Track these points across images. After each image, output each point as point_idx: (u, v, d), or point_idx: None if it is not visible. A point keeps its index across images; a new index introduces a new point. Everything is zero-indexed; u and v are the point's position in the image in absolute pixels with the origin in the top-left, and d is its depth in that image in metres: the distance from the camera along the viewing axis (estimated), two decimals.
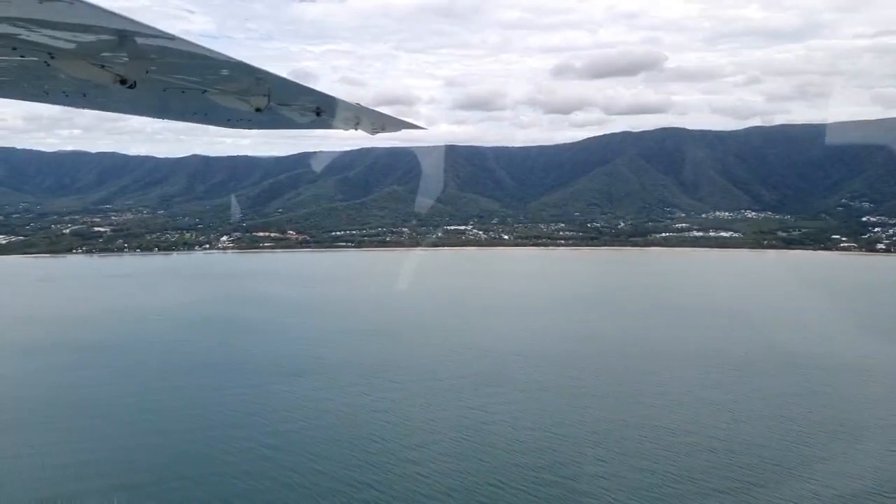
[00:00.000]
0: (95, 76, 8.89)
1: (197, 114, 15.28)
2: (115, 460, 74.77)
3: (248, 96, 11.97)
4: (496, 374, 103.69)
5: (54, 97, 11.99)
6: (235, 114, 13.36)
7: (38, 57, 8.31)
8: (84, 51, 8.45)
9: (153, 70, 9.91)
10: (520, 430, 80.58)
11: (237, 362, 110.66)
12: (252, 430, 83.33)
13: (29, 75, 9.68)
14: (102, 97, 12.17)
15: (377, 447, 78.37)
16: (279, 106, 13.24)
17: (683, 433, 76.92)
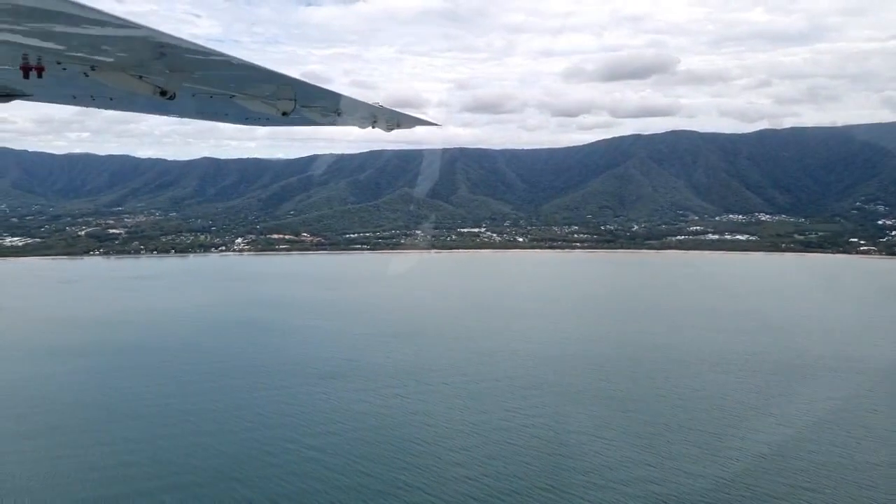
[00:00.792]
0: (136, 88, 9.42)
1: (226, 115, 16.30)
2: (161, 461, 74.79)
3: (275, 100, 12.69)
4: (531, 377, 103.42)
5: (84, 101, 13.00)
6: (262, 115, 14.00)
7: (79, 69, 8.90)
8: (124, 64, 9.00)
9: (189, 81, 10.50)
10: (564, 434, 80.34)
11: (271, 365, 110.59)
12: (293, 432, 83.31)
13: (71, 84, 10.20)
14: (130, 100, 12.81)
15: (420, 449, 78.22)
16: (303, 108, 13.97)
17: (730, 438, 76.61)
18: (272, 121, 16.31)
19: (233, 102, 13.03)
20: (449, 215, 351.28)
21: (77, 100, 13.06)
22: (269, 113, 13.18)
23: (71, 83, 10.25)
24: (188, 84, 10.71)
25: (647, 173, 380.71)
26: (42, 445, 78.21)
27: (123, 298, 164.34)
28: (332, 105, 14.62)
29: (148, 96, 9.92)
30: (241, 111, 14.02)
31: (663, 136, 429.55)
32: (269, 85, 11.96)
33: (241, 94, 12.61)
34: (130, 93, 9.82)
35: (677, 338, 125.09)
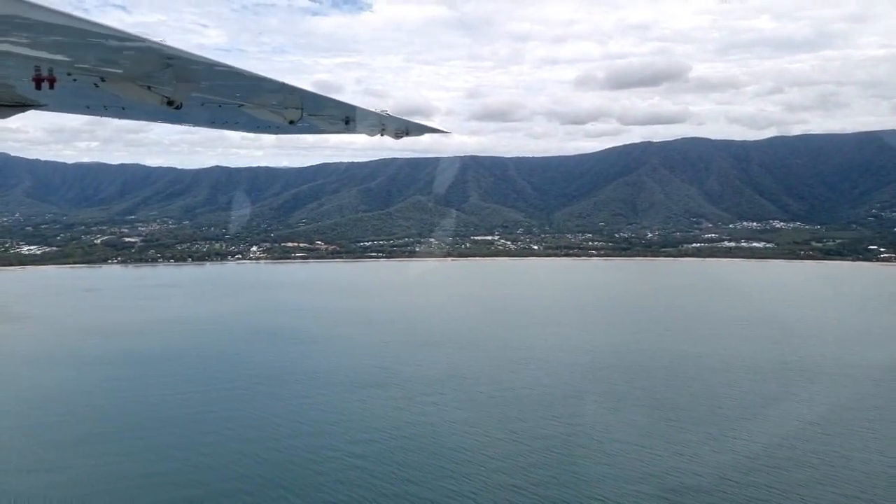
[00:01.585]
0: (144, 98, 9.77)
1: (235, 123, 16.64)
2: (206, 468, 74.70)
3: (283, 109, 13.08)
4: (566, 385, 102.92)
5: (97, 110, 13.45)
6: (270, 124, 14.36)
7: (90, 80, 9.29)
8: (133, 75, 9.36)
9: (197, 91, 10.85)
10: (607, 442, 79.84)
11: (305, 373, 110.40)
12: (334, 440, 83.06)
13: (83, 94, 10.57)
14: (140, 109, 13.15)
15: (462, 457, 77.80)
16: (311, 116, 14.32)
17: (776, 447, 76.02)
18: (280, 129, 16.72)
19: (241, 111, 13.36)
20: (462, 223, 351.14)
21: (90, 109, 13.45)
22: (277, 121, 13.53)
23: (82, 93, 10.61)
24: (196, 94, 11.02)
25: (660, 180, 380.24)
26: (86, 453, 78.17)
27: (150, 307, 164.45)
28: (339, 113, 14.92)
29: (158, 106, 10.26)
30: (250, 119, 14.36)
31: (674, 143, 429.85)
32: (275, 94, 12.26)
33: (248, 104, 12.91)
34: (140, 102, 10.16)
35: (709, 345, 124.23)
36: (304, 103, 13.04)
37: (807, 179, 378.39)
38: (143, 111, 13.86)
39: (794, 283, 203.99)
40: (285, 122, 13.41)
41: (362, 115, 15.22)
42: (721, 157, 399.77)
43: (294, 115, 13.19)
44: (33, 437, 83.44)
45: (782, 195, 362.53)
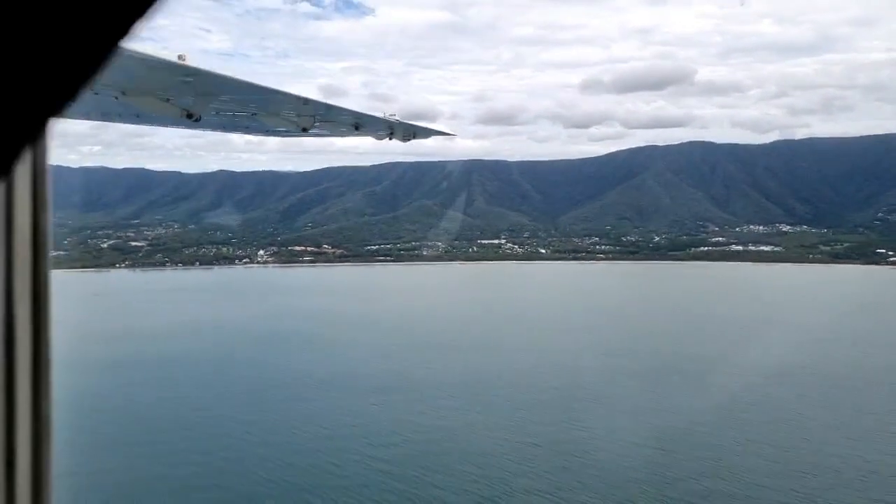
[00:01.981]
0: (163, 110, 10.11)
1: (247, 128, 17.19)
2: (229, 472, 74.59)
3: (296, 118, 13.54)
4: (586, 390, 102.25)
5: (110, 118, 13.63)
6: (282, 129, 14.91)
7: (109, 94, 9.50)
8: (153, 89, 9.73)
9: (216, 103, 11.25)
10: (632, 448, 79.34)
11: (322, 377, 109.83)
12: (356, 443, 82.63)
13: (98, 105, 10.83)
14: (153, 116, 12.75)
15: (486, 461, 77.34)
16: (323, 123, 14.89)
17: (809, 453, 75.68)
18: (291, 133, 17.11)
19: (254, 118, 14.01)
20: (468, 227, 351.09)
21: (105, 117, 13.70)
22: (289, 128, 14.05)
23: (100, 104, 10.82)
24: (213, 105, 11.41)
25: (665, 184, 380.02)
26: (109, 458, 77.76)
27: (162, 311, 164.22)
28: (350, 120, 15.34)
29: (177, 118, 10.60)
30: (262, 126, 14.97)
31: (679, 147, 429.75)
32: (289, 105, 12.72)
33: (262, 113, 13.42)
34: (159, 114, 10.45)
35: (728, 350, 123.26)
36: (317, 113, 13.52)
37: (813, 183, 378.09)
38: (159, 119, 13.93)
39: (809, 286, 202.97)
40: (298, 128, 13.88)
41: (372, 121, 15.70)
42: (726, 161, 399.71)
43: (307, 123, 13.68)
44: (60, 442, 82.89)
45: (788, 199, 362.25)
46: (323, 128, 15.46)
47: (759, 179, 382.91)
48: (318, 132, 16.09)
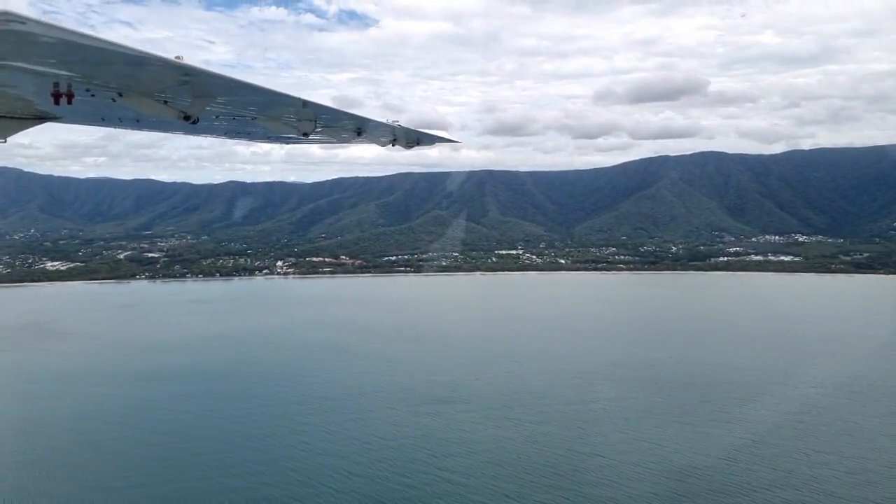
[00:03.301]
0: (161, 112, 10.04)
1: (248, 134, 16.93)
2: (296, 483, 73.89)
3: (296, 122, 13.36)
4: (635, 401, 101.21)
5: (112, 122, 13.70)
6: (284, 135, 14.76)
7: (107, 95, 9.51)
8: (150, 90, 9.69)
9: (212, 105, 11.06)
10: (696, 456, 78.49)
11: (367, 389, 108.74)
12: (418, 454, 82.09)
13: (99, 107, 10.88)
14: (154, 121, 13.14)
15: (551, 471, 76.90)
16: (324, 128, 14.64)
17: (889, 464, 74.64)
18: (294, 140, 16.96)
19: (255, 123, 13.72)
20: (484, 237, 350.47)
21: (105, 121, 13.69)
22: (291, 133, 13.87)
23: (99, 107, 10.84)
24: (211, 108, 11.31)
25: (679, 194, 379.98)
26: (170, 472, 76.75)
27: (192, 323, 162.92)
28: (351, 125, 15.17)
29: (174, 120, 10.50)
30: (263, 131, 14.73)
31: (691, 157, 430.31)
32: (289, 108, 12.56)
33: (262, 117, 13.20)
34: (157, 116, 10.34)
35: (767, 361, 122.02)
36: (318, 116, 13.30)
37: (826, 193, 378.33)
38: (158, 123, 14.02)
39: (841, 296, 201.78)
40: (299, 133, 13.62)
41: (374, 126, 15.41)
42: (739, 171, 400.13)
43: (308, 128, 13.44)
44: (119, 455, 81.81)
45: (802, 208, 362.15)
46: (325, 133, 15.17)
47: (772, 189, 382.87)
48: (320, 138, 15.80)
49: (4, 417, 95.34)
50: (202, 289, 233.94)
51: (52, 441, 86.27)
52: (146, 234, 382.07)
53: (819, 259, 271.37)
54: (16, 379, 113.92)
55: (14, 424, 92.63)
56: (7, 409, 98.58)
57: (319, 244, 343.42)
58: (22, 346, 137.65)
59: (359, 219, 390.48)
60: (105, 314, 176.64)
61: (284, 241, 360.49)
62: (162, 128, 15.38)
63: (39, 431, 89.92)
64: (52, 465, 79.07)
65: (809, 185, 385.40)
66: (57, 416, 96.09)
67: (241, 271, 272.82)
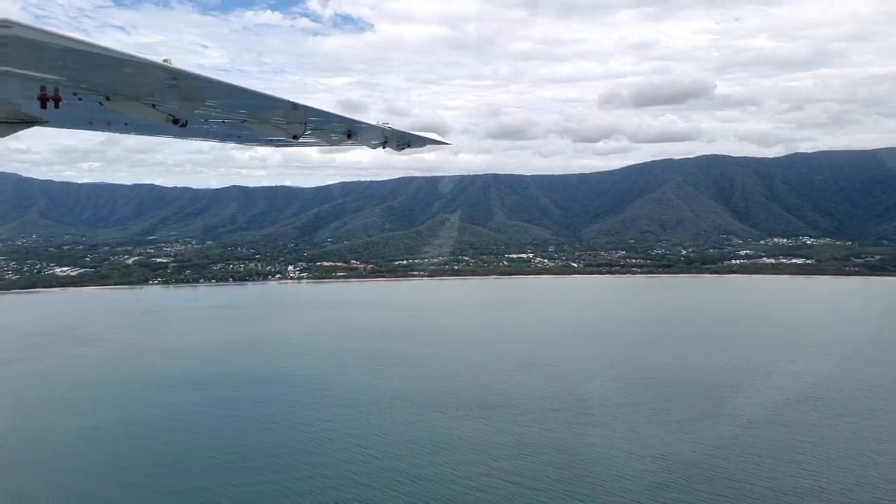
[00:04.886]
0: (149, 116, 10.00)
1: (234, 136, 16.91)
2: (357, 485, 73.03)
3: (286, 125, 13.36)
4: (685, 405, 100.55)
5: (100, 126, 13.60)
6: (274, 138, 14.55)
7: (94, 99, 9.48)
8: (138, 94, 9.63)
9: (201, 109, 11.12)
10: (759, 459, 78.23)
11: (412, 394, 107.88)
12: (479, 456, 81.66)
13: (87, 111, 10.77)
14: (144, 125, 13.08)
15: (615, 473, 76.82)
16: (314, 130, 14.67)
17: None
18: (284, 143, 16.93)
19: (244, 126, 13.76)
20: (492, 241, 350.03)
21: (93, 125, 13.56)
22: (281, 136, 13.78)
23: (87, 111, 10.75)
24: (200, 111, 11.30)
25: (685, 197, 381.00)
26: (234, 478, 75.66)
27: (219, 328, 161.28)
28: (342, 127, 15.13)
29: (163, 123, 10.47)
30: (254, 134, 14.75)
31: (695, 160, 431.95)
32: (278, 111, 12.61)
33: (251, 119, 13.23)
34: (145, 119, 10.29)
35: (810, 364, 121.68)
36: (307, 118, 13.31)
37: (830, 195, 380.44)
38: (147, 127, 13.98)
39: (866, 299, 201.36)
40: (289, 136, 13.62)
41: (364, 128, 15.40)
42: (744, 174, 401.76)
43: (297, 130, 13.47)
44: (179, 460, 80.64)
45: (808, 211, 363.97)
46: (315, 136, 15.15)
47: (777, 192, 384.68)
48: (310, 141, 15.79)
49: (59, 425, 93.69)
50: (219, 294, 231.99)
51: (108, 447, 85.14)
52: (150, 240, 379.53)
53: (831, 262, 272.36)
54: (59, 386, 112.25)
55: (69, 432, 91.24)
56: (59, 417, 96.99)
57: (327, 249, 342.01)
58: (55, 353, 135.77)
59: (364, 223, 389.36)
60: (129, 320, 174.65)
61: (291, 245, 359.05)
62: (151, 131, 15.27)
63: (95, 438, 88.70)
64: (112, 470, 78.00)
65: (814, 188, 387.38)
66: (111, 422, 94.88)
67: (254, 276, 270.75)
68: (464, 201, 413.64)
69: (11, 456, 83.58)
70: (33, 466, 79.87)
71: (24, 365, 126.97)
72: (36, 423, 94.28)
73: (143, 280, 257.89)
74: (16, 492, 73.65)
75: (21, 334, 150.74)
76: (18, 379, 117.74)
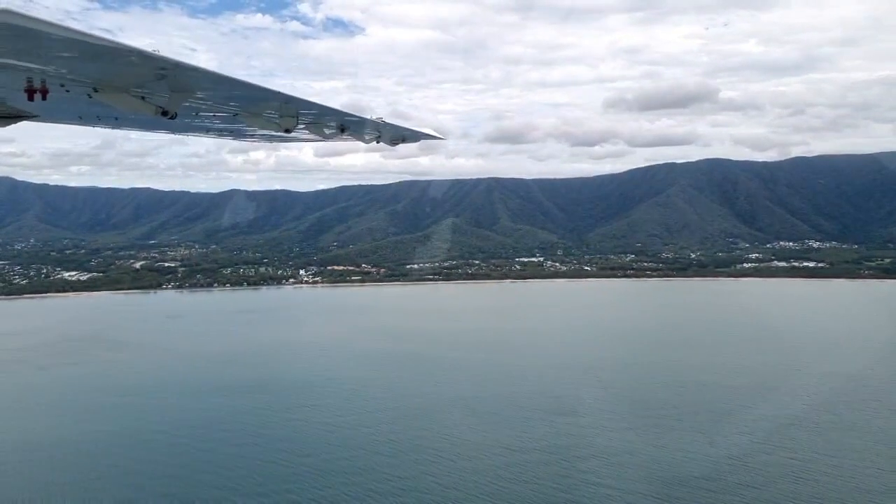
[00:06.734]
0: (138, 108, 9.77)
1: (226, 132, 16.70)
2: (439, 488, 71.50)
3: (278, 118, 13.15)
4: (753, 409, 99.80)
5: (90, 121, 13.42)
6: (266, 133, 14.62)
7: (82, 91, 9.27)
8: (126, 85, 9.41)
9: (191, 101, 10.90)
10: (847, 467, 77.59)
11: (475, 400, 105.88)
12: (574, 465, 79.97)
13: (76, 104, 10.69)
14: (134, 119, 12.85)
15: (722, 476, 75.12)
16: (307, 125, 14.47)
17: None
18: (277, 137, 16.91)
19: (236, 120, 13.53)
20: (500, 245, 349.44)
21: (83, 120, 13.35)
22: (273, 130, 13.63)
23: (75, 104, 10.65)
24: (191, 103, 11.08)
25: (690, 201, 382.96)
26: (297, 482, 74.25)
27: (250, 333, 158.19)
28: (334, 121, 14.95)
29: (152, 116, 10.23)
30: (245, 128, 14.53)
31: (697, 164, 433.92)
32: (269, 103, 12.39)
33: (243, 113, 12.95)
34: (137, 113, 10.07)
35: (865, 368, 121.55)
36: (300, 112, 13.10)
37: (833, 199, 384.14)
38: (137, 121, 13.76)
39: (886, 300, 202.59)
40: (281, 129, 13.39)
41: (358, 122, 15.20)
42: (747, 178, 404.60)
43: (289, 124, 13.21)
44: (235, 467, 78.92)
45: (813, 215, 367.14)
46: (307, 130, 14.83)
47: (781, 196, 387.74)
48: (303, 135, 15.46)
49: (107, 431, 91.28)
50: (237, 298, 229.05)
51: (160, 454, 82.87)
52: (151, 244, 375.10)
53: (844, 265, 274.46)
54: (101, 392, 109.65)
55: (117, 438, 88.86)
56: (106, 423, 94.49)
57: (334, 253, 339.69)
58: (91, 359, 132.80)
59: (369, 227, 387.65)
60: (155, 324, 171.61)
61: (297, 249, 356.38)
62: (142, 126, 15.02)
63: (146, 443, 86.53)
64: (166, 477, 76.16)
65: (817, 192, 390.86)
66: (163, 427, 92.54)
67: (268, 280, 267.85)
68: (468, 205, 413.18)
69: (72, 459, 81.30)
70: (101, 473, 77.58)
71: (62, 371, 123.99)
72: (93, 429, 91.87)
73: (157, 284, 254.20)
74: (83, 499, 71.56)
75: (50, 340, 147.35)
76: (62, 385, 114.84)
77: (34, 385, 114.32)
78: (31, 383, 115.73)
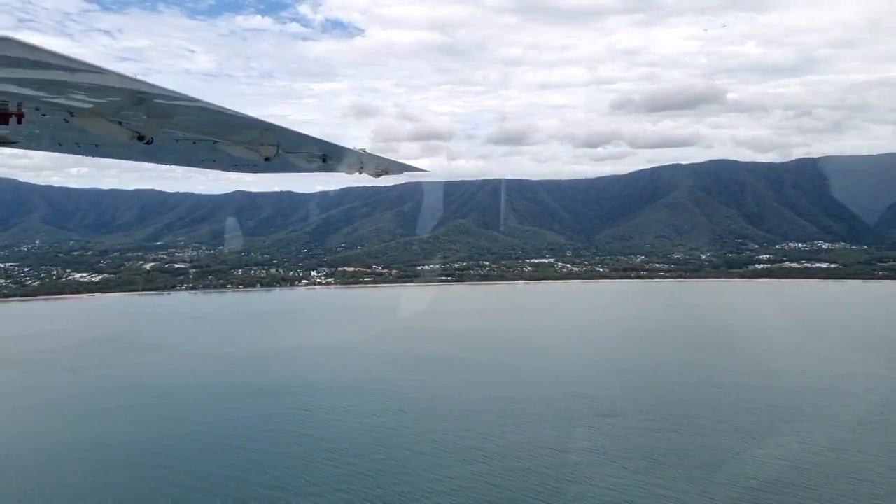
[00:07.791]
0: (114, 133, 9.64)
1: (206, 161, 16.23)
2: None
3: (258, 146, 12.73)
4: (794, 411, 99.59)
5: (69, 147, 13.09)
6: (245, 161, 14.05)
7: (58, 115, 9.10)
8: (102, 110, 9.22)
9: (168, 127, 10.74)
10: None
11: (510, 402, 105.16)
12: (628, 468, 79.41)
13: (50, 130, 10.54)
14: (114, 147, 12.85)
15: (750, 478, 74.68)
16: (287, 154, 13.98)
17: None
18: (257, 167, 16.33)
19: (216, 148, 13.17)
20: (509, 246, 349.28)
21: (63, 146, 13.12)
22: (253, 158, 13.26)
23: (53, 129, 10.48)
24: (168, 129, 10.88)
25: (698, 202, 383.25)
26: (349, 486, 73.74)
27: (275, 334, 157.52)
28: (316, 152, 14.67)
29: (131, 142, 10.16)
30: (225, 156, 14.14)
31: (704, 165, 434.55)
32: (250, 130, 12.10)
33: (223, 140, 12.72)
34: (113, 138, 9.99)
35: None
36: (280, 140, 12.73)
37: (840, 200, 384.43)
38: (117, 149, 13.62)
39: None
40: (261, 158, 12.92)
41: (339, 152, 14.91)
42: (754, 179, 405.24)
43: (270, 152, 12.77)
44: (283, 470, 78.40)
45: (821, 216, 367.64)
46: (289, 159, 14.47)
47: (788, 197, 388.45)
48: (285, 164, 15.17)
49: (149, 432, 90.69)
50: (253, 299, 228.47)
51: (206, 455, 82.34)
52: (158, 246, 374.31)
53: (857, 266, 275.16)
54: (137, 394, 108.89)
55: (162, 439, 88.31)
56: (147, 424, 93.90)
57: (343, 254, 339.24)
58: (120, 361, 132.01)
59: (376, 228, 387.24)
60: (178, 326, 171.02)
61: (305, 250, 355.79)
62: (121, 153, 14.86)
63: (190, 444, 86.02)
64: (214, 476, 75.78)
65: (824, 193, 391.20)
66: (203, 428, 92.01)
67: (280, 282, 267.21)
68: (474, 206, 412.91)
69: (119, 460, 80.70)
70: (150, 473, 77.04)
71: (92, 373, 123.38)
72: (134, 430, 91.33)
73: (170, 286, 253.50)
74: None
75: (74, 342, 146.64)
76: (97, 387, 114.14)
77: (70, 386, 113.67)
78: (66, 385, 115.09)
